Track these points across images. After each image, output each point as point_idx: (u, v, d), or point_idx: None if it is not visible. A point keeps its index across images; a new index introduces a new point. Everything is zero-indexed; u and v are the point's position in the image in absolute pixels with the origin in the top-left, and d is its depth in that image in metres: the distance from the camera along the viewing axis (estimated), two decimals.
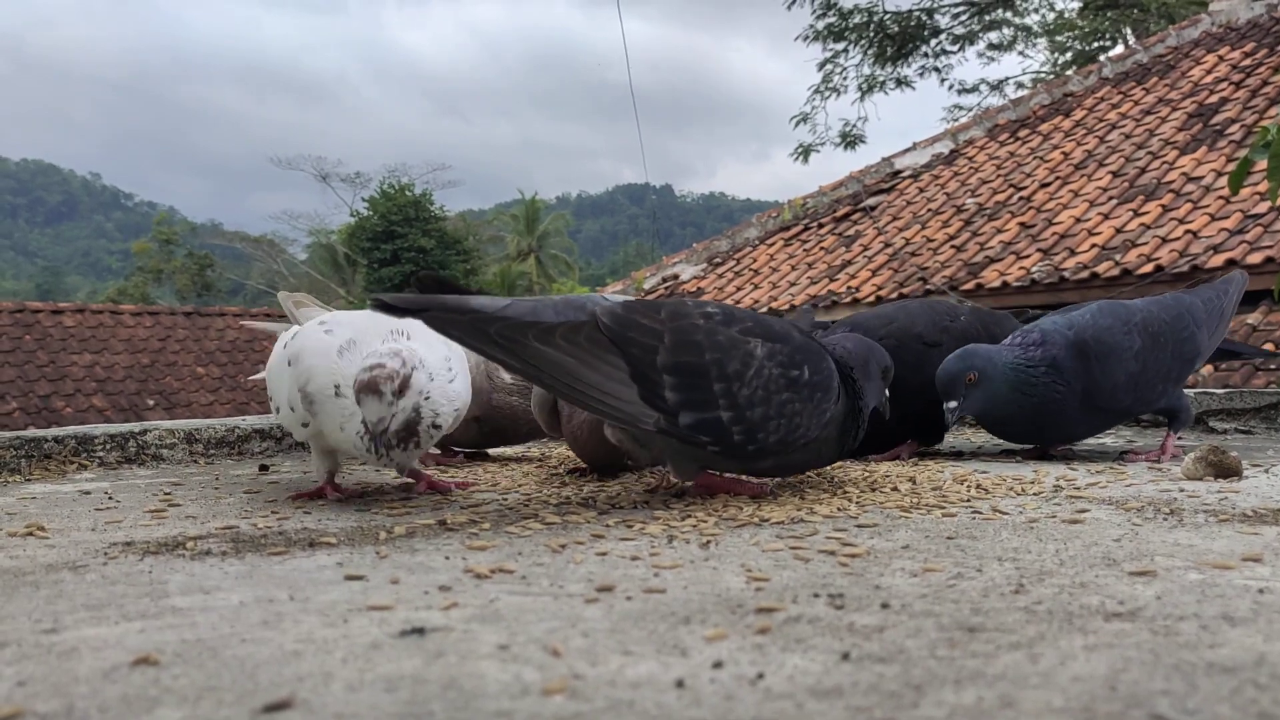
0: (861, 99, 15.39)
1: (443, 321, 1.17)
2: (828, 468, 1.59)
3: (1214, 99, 7.64)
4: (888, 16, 14.91)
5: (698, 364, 1.25)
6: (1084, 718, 0.54)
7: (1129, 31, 15.03)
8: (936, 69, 15.53)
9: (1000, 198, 7.79)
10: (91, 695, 0.59)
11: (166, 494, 1.53)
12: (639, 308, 1.28)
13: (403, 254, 21.51)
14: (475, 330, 1.17)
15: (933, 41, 15.36)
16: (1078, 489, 1.42)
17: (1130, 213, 6.63)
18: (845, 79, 15.22)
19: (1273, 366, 4.07)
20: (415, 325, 1.30)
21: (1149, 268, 5.86)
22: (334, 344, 1.35)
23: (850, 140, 15.16)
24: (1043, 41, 16.49)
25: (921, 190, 8.63)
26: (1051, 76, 14.61)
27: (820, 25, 14.90)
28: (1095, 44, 15.70)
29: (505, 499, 1.41)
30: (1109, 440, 2.24)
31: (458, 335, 1.19)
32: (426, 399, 1.30)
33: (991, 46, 15.90)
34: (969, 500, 1.33)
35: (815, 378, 1.31)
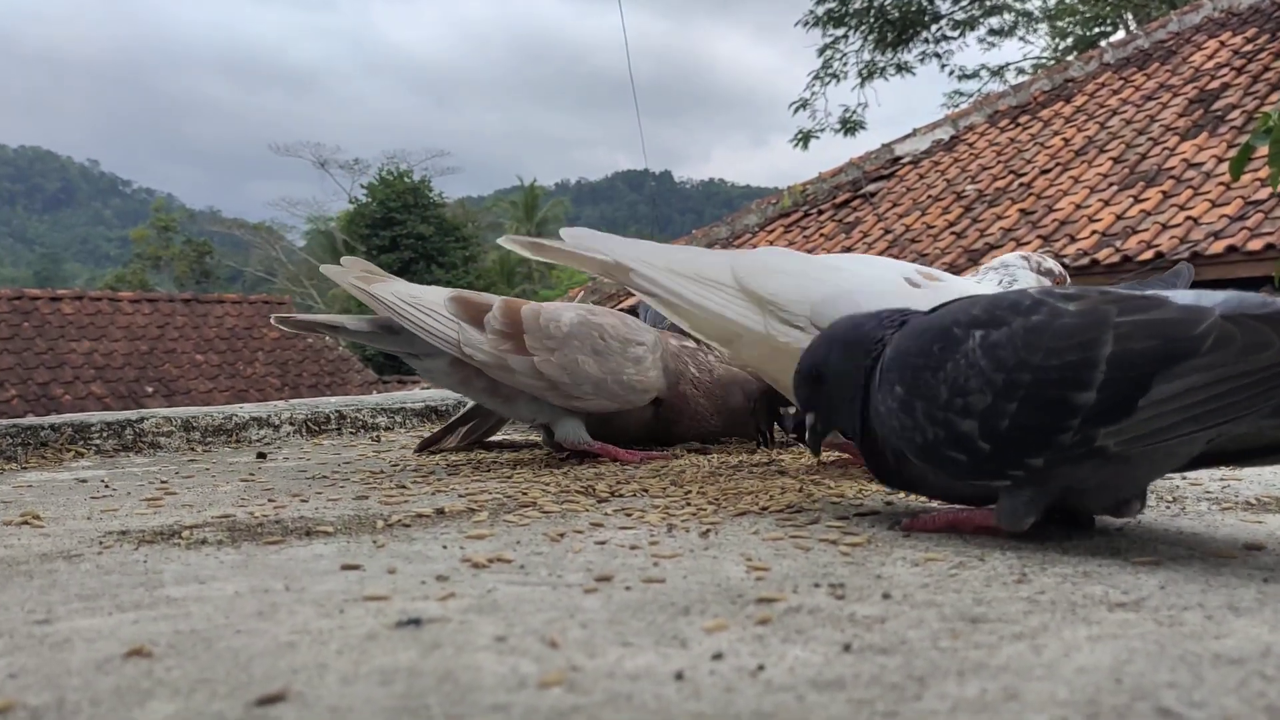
0: (862, 85, 15.35)
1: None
2: (830, 456, 1.58)
3: (1215, 85, 7.61)
4: (888, 2, 14.85)
5: None
6: (1089, 710, 0.53)
7: (1130, 17, 14.96)
8: (937, 55, 15.48)
9: (1001, 184, 7.77)
10: (84, 687, 0.59)
11: (163, 482, 1.52)
12: None
13: (401, 240, 21.46)
14: None
15: (933, 27, 15.30)
16: None
17: (1131, 199, 6.62)
18: (845, 65, 15.18)
19: None
20: None
21: (1149, 254, 5.85)
22: None
23: (850, 126, 15.12)
24: (1044, 27, 16.43)
25: (922, 176, 8.61)
26: (1052, 62, 14.55)
27: (820, 10, 14.86)
28: (1096, 29, 15.62)
29: (504, 487, 1.40)
30: None
31: None
32: None
33: (992, 32, 15.84)
34: None
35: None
